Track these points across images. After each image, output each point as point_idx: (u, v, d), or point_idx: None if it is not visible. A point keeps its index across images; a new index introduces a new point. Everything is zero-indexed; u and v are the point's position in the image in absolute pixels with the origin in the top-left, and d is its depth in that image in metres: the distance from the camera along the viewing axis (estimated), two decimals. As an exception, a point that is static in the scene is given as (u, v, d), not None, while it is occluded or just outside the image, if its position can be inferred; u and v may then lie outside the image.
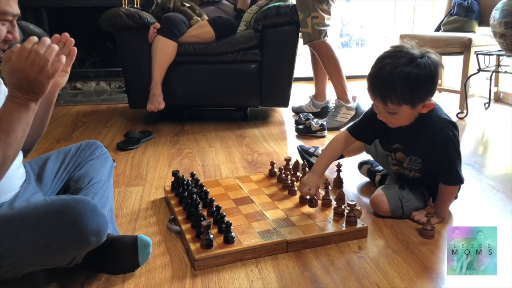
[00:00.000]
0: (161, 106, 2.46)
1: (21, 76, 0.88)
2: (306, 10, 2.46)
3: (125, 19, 2.47)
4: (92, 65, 4.07)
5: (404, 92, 1.26)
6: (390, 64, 1.26)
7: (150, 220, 1.47)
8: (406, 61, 1.25)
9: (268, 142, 2.35)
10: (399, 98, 1.28)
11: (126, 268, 1.16)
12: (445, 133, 1.34)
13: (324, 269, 1.17)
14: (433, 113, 1.36)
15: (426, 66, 1.26)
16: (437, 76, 1.30)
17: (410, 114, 1.34)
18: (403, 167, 1.47)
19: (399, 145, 1.44)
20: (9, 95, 0.90)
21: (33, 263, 0.99)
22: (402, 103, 1.29)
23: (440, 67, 1.30)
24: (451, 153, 1.35)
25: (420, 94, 1.30)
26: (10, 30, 1.00)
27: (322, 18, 2.46)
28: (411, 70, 1.25)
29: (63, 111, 3.17)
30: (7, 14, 0.97)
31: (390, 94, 1.28)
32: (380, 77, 1.28)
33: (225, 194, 1.57)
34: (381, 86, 1.29)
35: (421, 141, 1.37)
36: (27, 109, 0.91)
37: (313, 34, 2.48)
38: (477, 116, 2.89)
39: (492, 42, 2.74)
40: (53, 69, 0.90)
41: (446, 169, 1.38)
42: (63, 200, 0.98)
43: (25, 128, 0.91)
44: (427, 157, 1.38)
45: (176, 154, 2.15)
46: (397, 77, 1.25)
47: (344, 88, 2.56)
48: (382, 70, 1.28)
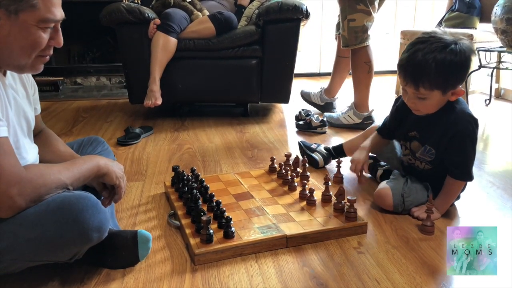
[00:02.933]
0: (158, 102, 2.45)
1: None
2: (342, 12, 2.35)
3: (126, 14, 2.46)
4: (93, 60, 4.07)
5: (438, 77, 1.28)
6: (423, 50, 1.28)
7: (150, 215, 1.47)
8: (440, 46, 1.27)
9: (268, 137, 2.35)
10: (431, 83, 1.29)
11: (126, 262, 1.16)
12: (465, 126, 1.35)
13: (324, 265, 1.18)
14: (458, 105, 1.37)
15: (461, 52, 1.28)
16: (469, 63, 1.31)
17: (439, 101, 1.35)
18: (415, 157, 1.47)
19: (416, 133, 1.45)
20: (98, 159, 1.11)
21: (33, 259, 0.99)
22: (434, 88, 1.30)
23: (473, 53, 1.31)
24: (467, 147, 1.36)
25: (452, 80, 1.31)
26: (52, 36, 0.98)
27: (360, 21, 2.30)
28: (446, 56, 1.27)
29: (63, 106, 3.17)
30: (49, 21, 0.95)
31: (423, 79, 1.29)
32: (414, 61, 1.29)
33: (225, 189, 1.58)
34: (415, 71, 1.30)
35: (439, 130, 1.38)
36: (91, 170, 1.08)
37: (349, 39, 2.34)
38: (477, 112, 2.89)
39: (494, 38, 2.74)
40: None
41: (459, 163, 1.38)
42: (64, 196, 0.98)
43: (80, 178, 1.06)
44: (443, 147, 1.39)
45: (176, 150, 2.16)
46: (431, 62, 1.26)
47: (364, 100, 2.45)
48: (415, 55, 1.29)
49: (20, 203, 0.93)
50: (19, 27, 0.92)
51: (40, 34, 0.94)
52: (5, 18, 0.91)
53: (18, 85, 1.10)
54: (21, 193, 0.92)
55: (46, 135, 1.28)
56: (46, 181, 0.96)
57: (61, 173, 1.00)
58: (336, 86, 2.80)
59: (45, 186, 0.96)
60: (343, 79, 2.78)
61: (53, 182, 0.97)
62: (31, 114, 1.13)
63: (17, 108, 1.05)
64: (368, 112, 2.45)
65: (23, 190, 0.92)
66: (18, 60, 0.96)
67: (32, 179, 0.94)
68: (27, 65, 0.98)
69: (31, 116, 1.13)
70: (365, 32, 2.33)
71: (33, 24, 0.93)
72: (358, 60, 2.39)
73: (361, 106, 2.46)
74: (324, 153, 1.89)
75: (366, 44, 2.35)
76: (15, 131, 1.03)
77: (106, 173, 1.11)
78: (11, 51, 0.94)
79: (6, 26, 0.91)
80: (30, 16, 0.91)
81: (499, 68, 3.01)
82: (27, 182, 0.93)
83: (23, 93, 1.11)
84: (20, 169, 0.93)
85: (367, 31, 2.33)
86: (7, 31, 0.92)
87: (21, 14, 0.91)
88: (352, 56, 2.42)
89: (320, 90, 2.87)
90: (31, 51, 0.96)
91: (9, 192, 0.90)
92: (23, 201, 0.93)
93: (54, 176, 0.98)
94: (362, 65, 2.39)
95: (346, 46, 2.38)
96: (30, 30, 0.93)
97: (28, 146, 1.09)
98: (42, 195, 0.96)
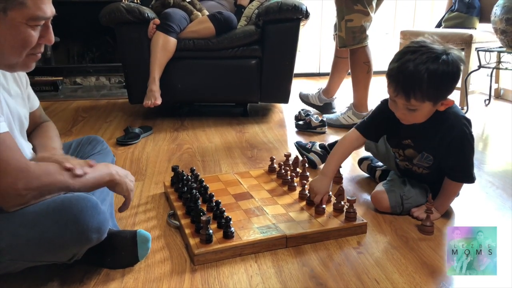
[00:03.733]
0: (157, 102, 2.45)
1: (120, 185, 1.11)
2: (339, 12, 2.35)
3: (125, 14, 2.46)
4: (92, 60, 4.06)
5: (430, 88, 1.25)
6: (414, 60, 1.24)
7: (150, 215, 1.47)
8: (432, 57, 1.24)
9: (267, 137, 2.35)
10: (423, 94, 1.25)
11: (126, 262, 1.16)
12: (462, 130, 1.34)
13: (323, 265, 1.18)
14: (450, 109, 1.35)
15: (453, 63, 1.25)
16: (460, 73, 1.29)
17: (429, 111, 1.32)
18: (413, 163, 1.47)
19: (410, 141, 1.43)
20: (110, 168, 1.09)
21: (33, 259, 0.99)
22: (425, 100, 1.27)
23: (463, 63, 1.29)
24: (466, 150, 1.35)
25: (444, 91, 1.29)
26: (42, 34, 0.96)
27: (357, 21, 2.30)
28: (438, 67, 1.23)
29: (62, 106, 3.16)
30: (38, 19, 0.92)
31: (415, 90, 1.25)
32: (405, 72, 1.25)
33: (224, 189, 1.57)
34: (406, 82, 1.26)
35: (435, 137, 1.37)
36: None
37: (346, 40, 2.35)
38: (477, 112, 2.89)
39: (493, 38, 2.74)
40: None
41: (460, 166, 1.38)
42: (64, 197, 0.98)
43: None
44: (441, 153, 1.38)
45: (176, 150, 2.15)
46: (424, 73, 1.22)
47: (363, 100, 2.45)
48: (406, 65, 1.25)
49: (26, 198, 0.92)
50: (8, 26, 0.89)
51: (30, 33, 0.92)
52: None
53: (11, 83, 1.08)
54: (27, 187, 0.91)
55: (46, 127, 1.26)
56: (52, 181, 0.95)
57: (71, 176, 0.98)
58: (334, 87, 2.80)
59: (50, 186, 0.95)
60: (341, 79, 2.78)
61: (60, 183, 0.96)
62: (24, 113, 1.12)
63: (8, 108, 1.05)
64: (367, 112, 2.45)
65: (29, 185, 0.92)
66: (9, 59, 0.94)
67: (39, 176, 0.93)
68: (18, 63, 0.96)
69: (24, 114, 1.12)
70: (363, 33, 2.32)
71: (22, 22, 0.90)
72: (357, 60, 2.39)
73: (360, 106, 2.46)
74: (319, 152, 1.89)
75: (364, 44, 2.35)
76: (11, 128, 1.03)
77: (117, 184, 1.10)
78: (1, 50, 0.92)
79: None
80: (19, 14, 0.89)
81: (498, 68, 3.01)
82: (34, 178, 0.92)
83: (17, 91, 1.10)
84: (28, 163, 0.92)
85: (365, 31, 2.33)
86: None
87: (9, 12, 0.88)
88: (351, 56, 2.42)
89: (318, 91, 2.87)
90: (22, 49, 0.93)
91: (16, 185, 0.90)
92: (28, 196, 0.92)
93: (62, 178, 0.96)
94: (361, 65, 2.39)
95: (344, 46, 2.38)
96: (19, 29, 0.90)
97: (23, 143, 1.08)
98: (45, 194, 0.96)
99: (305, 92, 2.94)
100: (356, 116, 2.46)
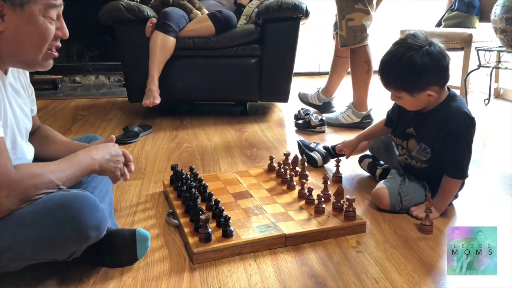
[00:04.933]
0: (156, 101, 2.44)
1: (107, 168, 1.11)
2: (340, 12, 2.34)
3: (125, 12, 2.46)
4: (92, 59, 4.06)
5: (397, 80, 1.36)
6: (390, 54, 1.36)
7: (149, 213, 1.47)
8: (403, 50, 1.32)
9: (267, 136, 2.35)
10: (396, 85, 1.37)
11: (125, 261, 1.16)
12: (460, 124, 1.35)
13: (322, 264, 1.18)
14: (454, 103, 1.37)
15: (425, 56, 1.29)
16: (435, 67, 1.31)
17: (415, 101, 1.38)
18: (412, 156, 1.47)
19: (412, 130, 1.45)
20: (92, 157, 1.07)
21: (32, 257, 0.99)
22: (400, 90, 1.37)
23: (443, 58, 1.31)
24: (462, 145, 1.36)
25: (415, 83, 1.33)
26: (58, 27, 1.01)
27: (358, 20, 2.29)
28: (403, 59, 1.31)
29: (62, 104, 3.16)
30: (53, 6, 0.97)
31: (388, 82, 1.38)
32: (380, 65, 1.39)
33: (224, 188, 1.57)
34: (382, 74, 1.39)
35: (434, 127, 1.38)
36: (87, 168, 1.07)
37: (347, 39, 2.34)
38: (477, 112, 2.89)
39: (493, 38, 2.73)
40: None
41: (453, 161, 1.38)
42: (61, 195, 0.98)
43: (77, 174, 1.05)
44: (438, 145, 1.39)
45: (175, 148, 2.15)
46: (390, 66, 1.35)
47: (363, 99, 2.44)
48: (383, 58, 1.38)
49: (8, 205, 0.92)
50: (27, 21, 0.94)
51: (47, 25, 0.97)
52: (11, 13, 0.91)
53: (19, 85, 1.09)
54: (9, 195, 0.91)
55: (45, 130, 1.28)
56: (36, 182, 0.95)
57: (53, 173, 0.98)
58: (333, 86, 2.80)
59: (35, 187, 0.95)
60: (340, 78, 2.78)
61: (44, 183, 0.96)
62: (28, 115, 1.13)
63: (16, 108, 1.05)
64: (366, 111, 2.45)
65: (11, 192, 0.91)
66: (29, 55, 0.98)
67: (22, 180, 0.93)
68: (37, 60, 0.99)
69: (29, 117, 1.13)
70: (364, 32, 2.32)
71: (39, 15, 0.95)
72: (357, 59, 2.39)
73: (360, 105, 2.46)
74: (323, 152, 1.89)
75: (365, 43, 2.34)
76: (13, 132, 1.03)
77: (101, 171, 1.10)
78: (21, 46, 0.95)
79: (13, 21, 0.92)
80: (36, 6, 0.94)
81: (498, 68, 3.01)
82: (17, 183, 0.92)
83: (22, 94, 1.11)
84: (10, 170, 0.91)
85: (366, 31, 2.33)
86: (15, 26, 0.93)
87: (26, 6, 0.92)
88: (351, 55, 2.41)
89: (316, 91, 2.87)
90: (41, 43, 0.97)
91: None
92: (11, 203, 0.92)
93: (45, 177, 0.96)
94: (361, 64, 2.38)
95: (345, 45, 2.38)
96: (38, 22, 0.95)
97: (25, 147, 1.08)
98: (32, 196, 0.95)
99: (304, 92, 2.94)
100: (355, 115, 2.46)
